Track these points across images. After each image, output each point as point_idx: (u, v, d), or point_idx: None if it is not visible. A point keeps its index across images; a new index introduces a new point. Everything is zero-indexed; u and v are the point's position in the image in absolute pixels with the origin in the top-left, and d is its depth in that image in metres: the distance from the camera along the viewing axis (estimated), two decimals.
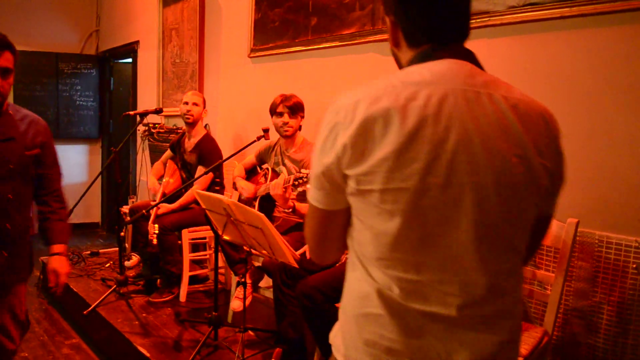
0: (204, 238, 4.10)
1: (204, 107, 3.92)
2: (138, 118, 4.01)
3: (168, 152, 4.15)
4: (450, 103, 0.96)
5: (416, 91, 0.96)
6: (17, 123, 2.17)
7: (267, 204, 3.24)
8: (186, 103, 3.82)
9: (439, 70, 1.00)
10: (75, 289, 4.01)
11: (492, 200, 0.95)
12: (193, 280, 4.01)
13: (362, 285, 1.06)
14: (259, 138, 3.14)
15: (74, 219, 6.86)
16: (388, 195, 0.96)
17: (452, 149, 0.94)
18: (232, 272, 3.42)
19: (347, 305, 1.12)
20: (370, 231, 1.01)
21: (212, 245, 4.21)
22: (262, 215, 2.30)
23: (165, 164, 4.12)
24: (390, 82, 1.00)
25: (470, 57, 1.05)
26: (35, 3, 6.66)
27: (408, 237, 0.97)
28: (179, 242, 3.80)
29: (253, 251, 2.72)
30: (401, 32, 1.08)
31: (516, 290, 1.04)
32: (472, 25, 2.62)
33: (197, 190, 2.65)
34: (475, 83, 0.99)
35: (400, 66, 1.13)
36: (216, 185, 3.47)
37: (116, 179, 3.72)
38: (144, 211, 3.32)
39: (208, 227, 3.84)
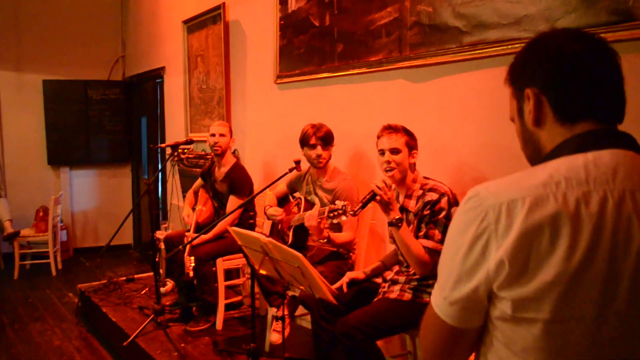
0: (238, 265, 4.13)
1: (231, 136, 3.95)
2: (169, 150, 4.06)
3: (199, 181, 4.20)
4: (628, 209, 0.81)
5: (587, 192, 0.81)
6: None
7: (301, 233, 3.25)
8: (213, 135, 3.85)
9: (609, 165, 0.84)
10: (113, 318, 4.08)
11: None
12: (228, 306, 4.04)
13: None
14: (291, 170, 3.15)
15: (106, 241, 7.00)
16: (557, 326, 0.80)
17: (634, 267, 0.80)
18: (267, 301, 3.44)
19: None
20: None
21: (246, 271, 4.24)
22: (299, 255, 2.31)
23: (196, 193, 4.17)
24: (550, 176, 0.83)
25: (634, 144, 0.90)
26: (64, 33, 6.83)
27: None
28: (214, 269, 3.84)
29: (290, 286, 2.73)
30: (549, 107, 0.93)
31: None
32: (505, 52, 2.59)
33: (233, 228, 2.68)
34: None
35: (537, 147, 0.97)
36: (250, 218, 3.49)
37: (151, 210, 3.77)
38: (180, 247, 3.37)
39: (241, 255, 3.88)
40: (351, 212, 2.46)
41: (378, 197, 2.38)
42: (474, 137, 2.80)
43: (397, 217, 2.37)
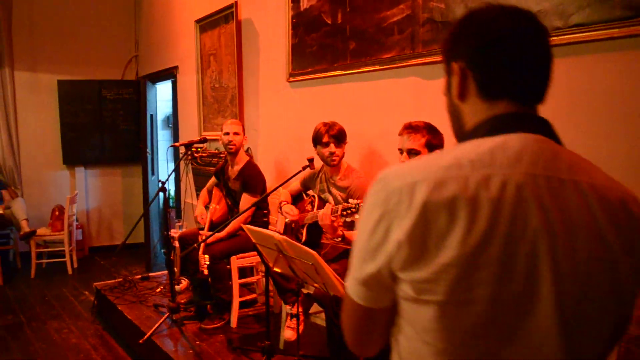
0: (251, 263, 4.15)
1: (244, 134, 3.97)
2: (183, 149, 4.09)
3: (213, 179, 4.23)
4: (528, 194, 0.81)
5: (488, 176, 0.81)
6: None
7: (314, 231, 3.26)
8: (227, 133, 3.87)
9: (516, 150, 0.84)
10: (129, 316, 4.11)
11: (575, 314, 0.82)
12: (242, 304, 4.07)
13: None
14: (304, 168, 3.16)
15: (122, 239, 7.07)
16: (451, 308, 0.81)
17: (530, 252, 0.80)
18: (281, 299, 3.46)
19: None
20: (426, 347, 0.85)
21: (260, 269, 4.26)
22: (314, 253, 2.32)
23: (210, 192, 4.19)
24: (455, 158, 0.84)
25: (548, 129, 0.91)
26: (78, 33, 6.90)
27: (469, 354, 0.83)
28: (228, 267, 3.86)
29: (304, 284, 2.74)
30: (474, 82, 0.93)
31: None
32: None
33: (247, 226, 2.69)
34: (559, 167, 0.84)
35: (460, 122, 0.98)
36: (264, 216, 3.51)
37: (165, 209, 3.79)
38: (195, 245, 3.39)
39: (256, 252, 3.90)
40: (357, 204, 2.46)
41: None
42: None
43: None
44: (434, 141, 2.53)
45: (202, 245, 3.60)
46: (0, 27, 6.42)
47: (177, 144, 4.19)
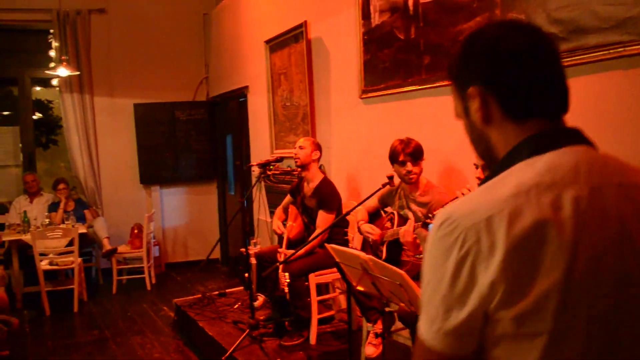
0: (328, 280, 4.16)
1: (314, 149, 3.97)
2: (258, 168, 4.17)
3: (288, 198, 4.28)
4: (599, 205, 0.81)
5: (557, 196, 0.80)
6: None
7: (395, 248, 3.24)
8: (295, 148, 3.97)
9: (571, 165, 0.83)
10: (210, 333, 4.21)
11: None
12: (320, 321, 4.08)
13: None
14: (384, 185, 3.15)
15: (196, 255, 7.28)
16: (558, 334, 0.79)
17: (618, 260, 0.81)
18: (361, 316, 3.45)
19: None
20: None
21: (337, 286, 4.26)
22: (402, 272, 2.30)
23: (286, 209, 4.25)
24: (517, 186, 0.82)
25: (585, 138, 0.90)
26: (151, 59, 7.21)
27: None
28: (306, 284, 3.88)
29: (389, 302, 2.72)
30: (497, 105, 0.90)
31: None
32: (605, 57, 2.50)
33: (331, 245, 2.71)
34: (611, 173, 0.85)
35: (488, 146, 0.95)
36: (344, 234, 3.52)
37: (244, 227, 3.87)
38: (277, 264, 3.44)
39: (334, 270, 3.91)
40: (433, 216, 2.42)
41: None
42: None
43: None
44: None
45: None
46: (81, 56, 6.81)
47: (253, 164, 4.28)
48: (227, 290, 5.21)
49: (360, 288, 2.77)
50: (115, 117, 7.12)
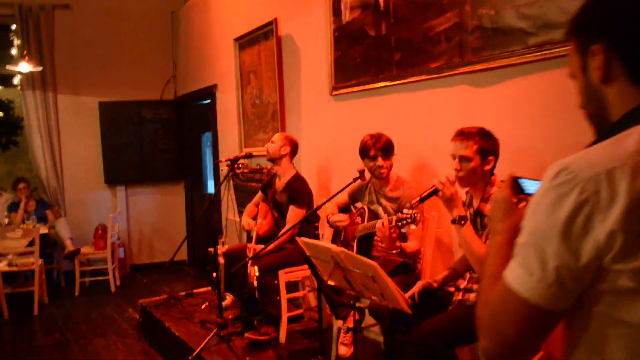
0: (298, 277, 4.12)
1: (283, 144, 3.92)
2: (224, 166, 4.11)
3: (259, 194, 4.23)
4: None
5: None
6: None
7: (365, 243, 3.22)
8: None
9: None
10: (176, 333, 4.11)
11: None
12: (289, 320, 4.03)
13: None
14: (355, 179, 3.13)
15: (162, 257, 7.14)
16: None
17: None
18: (331, 314, 3.41)
19: None
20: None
21: (306, 284, 4.22)
22: (374, 264, 2.28)
23: (257, 206, 4.20)
24: (627, 149, 0.81)
25: None
26: (117, 56, 7.07)
27: None
28: (275, 281, 3.83)
29: (360, 296, 2.70)
30: (621, 65, 0.87)
31: None
32: None
33: (302, 239, 2.66)
34: None
35: (602, 106, 0.93)
36: (314, 229, 3.48)
37: (212, 225, 3.80)
38: (247, 259, 3.38)
39: (304, 267, 3.87)
40: (410, 205, 2.42)
41: (440, 193, 2.37)
42: (544, 139, 2.72)
43: (460, 214, 2.35)
44: (487, 147, 2.48)
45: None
46: (44, 52, 6.62)
47: (222, 159, 4.21)
48: (194, 291, 5.11)
49: (331, 282, 2.73)
50: (79, 115, 6.94)
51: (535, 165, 2.80)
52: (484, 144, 2.48)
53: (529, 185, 1.07)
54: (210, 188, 7.22)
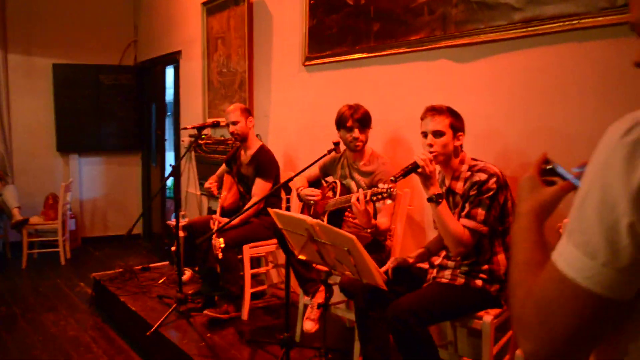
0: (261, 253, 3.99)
1: (246, 118, 3.76)
2: (195, 132, 3.91)
3: (223, 167, 4.06)
4: None
5: None
6: None
7: (336, 219, 3.11)
8: (228, 125, 3.75)
9: None
10: (133, 308, 3.93)
11: None
12: (251, 296, 3.91)
13: None
14: (329, 151, 3.01)
15: (116, 230, 6.86)
16: None
17: None
18: (299, 290, 3.31)
19: None
20: None
21: (270, 260, 4.10)
22: (352, 236, 2.18)
23: (221, 178, 4.03)
24: None
25: None
26: (75, 16, 6.67)
27: None
28: (239, 256, 3.69)
29: (333, 271, 2.60)
30: None
31: None
32: (561, 29, 2.46)
33: (274, 210, 2.53)
34: None
35: None
36: (276, 203, 3.36)
37: (176, 194, 3.62)
38: (213, 231, 3.22)
39: (269, 242, 3.74)
40: (391, 179, 2.33)
41: (420, 169, 2.30)
42: (523, 120, 2.67)
43: (436, 192, 2.32)
44: (457, 124, 2.46)
45: (214, 229, 3.43)
46: None
47: (188, 127, 4.00)
48: (150, 265, 4.92)
49: (302, 257, 2.62)
50: (31, 77, 6.53)
51: (499, 148, 2.76)
52: (454, 120, 2.46)
53: (562, 171, 0.93)
54: (170, 160, 6.93)
